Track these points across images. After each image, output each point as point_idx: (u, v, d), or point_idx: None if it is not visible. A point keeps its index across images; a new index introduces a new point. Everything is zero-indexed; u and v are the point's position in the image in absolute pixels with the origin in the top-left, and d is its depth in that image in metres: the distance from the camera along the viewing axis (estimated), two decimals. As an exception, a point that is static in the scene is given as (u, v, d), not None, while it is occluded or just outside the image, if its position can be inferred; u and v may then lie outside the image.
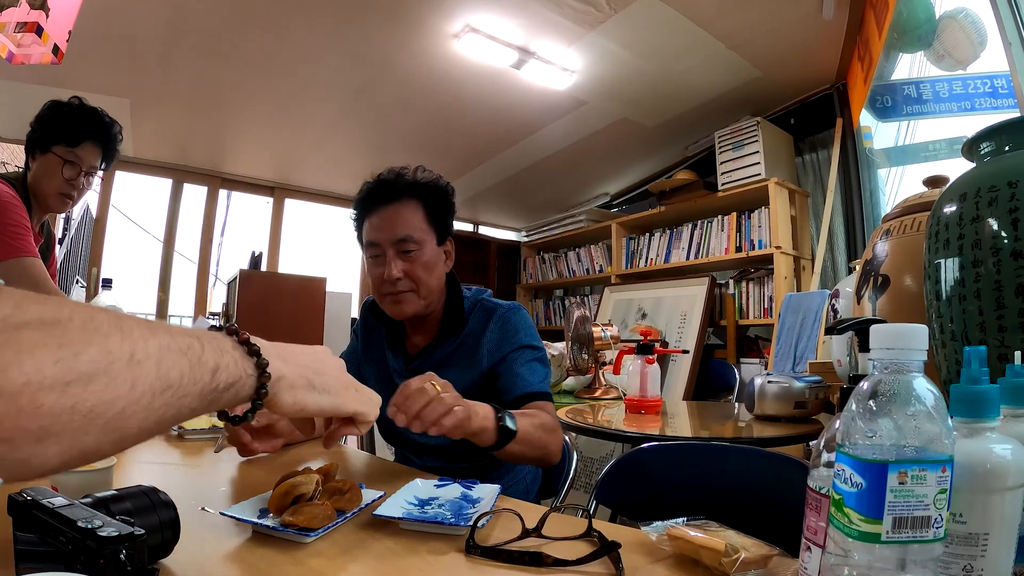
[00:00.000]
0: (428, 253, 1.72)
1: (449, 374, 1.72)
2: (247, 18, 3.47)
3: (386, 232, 1.70)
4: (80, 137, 2.17)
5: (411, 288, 1.70)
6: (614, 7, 3.47)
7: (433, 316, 1.80)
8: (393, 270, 1.67)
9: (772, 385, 2.26)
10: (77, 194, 2.22)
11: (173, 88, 4.06)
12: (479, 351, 1.73)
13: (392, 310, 1.73)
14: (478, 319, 1.78)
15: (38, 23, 2.17)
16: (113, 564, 0.63)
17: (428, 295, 1.72)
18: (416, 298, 1.71)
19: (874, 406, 0.60)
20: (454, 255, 1.84)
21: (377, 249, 1.71)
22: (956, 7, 2.91)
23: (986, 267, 1.04)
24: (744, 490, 1.38)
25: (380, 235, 1.71)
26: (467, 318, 1.78)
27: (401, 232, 1.69)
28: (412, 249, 1.69)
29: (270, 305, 4.36)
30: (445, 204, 1.79)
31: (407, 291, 1.70)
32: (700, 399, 4.14)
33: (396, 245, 1.69)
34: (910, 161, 3.74)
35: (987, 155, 1.16)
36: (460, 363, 1.74)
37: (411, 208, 1.72)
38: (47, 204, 2.22)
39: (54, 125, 2.16)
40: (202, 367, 0.61)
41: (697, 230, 4.77)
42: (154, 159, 5.05)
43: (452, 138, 5.05)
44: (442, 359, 1.76)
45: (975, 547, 0.62)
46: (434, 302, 1.77)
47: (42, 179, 2.17)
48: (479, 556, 0.87)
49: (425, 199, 1.74)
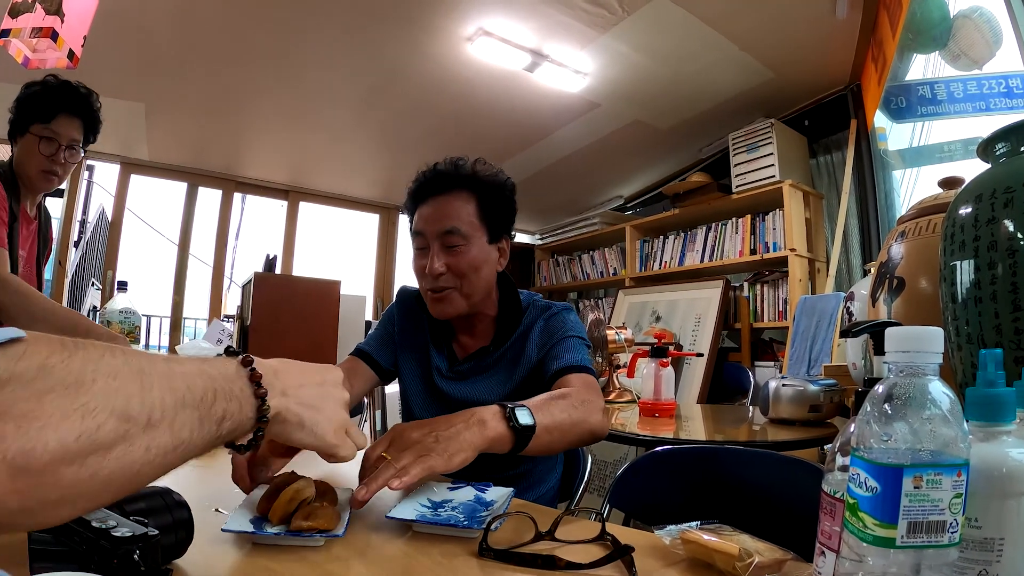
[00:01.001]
0: (476, 250, 1.63)
1: (496, 377, 1.69)
2: (261, 23, 3.49)
3: (433, 223, 1.62)
4: (53, 112, 2.13)
5: (454, 285, 1.62)
6: (626, 9, 3.47)
7: (484, 318, 1.74)
8: (436, 264, 1.59)
9: (787, 388, 2.25)
10: (61, 170, 2.18)
11: (188, 92, 4.09)
12: (527, 346, 1.67)
13: (434, 309, 1.66)
14: (530, 318, 1.72)
15: (53, 28, 2.18)
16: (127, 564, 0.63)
17: (472, 294, 1.64)
18: (459, 297, 1.63)
19: (889, 410, 0.59)
20: (508, 255, 1.75)
21: (422, 240, 1.65)
22: (971, 6, 2.89)
23: (1002, 269, 1.03)
24: (758, 494, 1.37)
25: (427, 226, 1.63)
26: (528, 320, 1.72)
27: (448, 224, 1.61)
28: (459, 244, 1.61)
29: (284, 308, 4.37)
30: (502, 200, 1.71)
31: (449, 288, 1.62)
32: (714, 402, 4.13)
33: (442, 238, 1.61)
34: (925, 162, 3.72)
35: (1003, 156, 1.16)
36: (509, 363, 1.69)
37: (463, 200, 1.64)
38: (33, 185, 2.20)
39: (28, 105, 2.13)
40: (211, 419, 0.63)
41: (711, 232, 4.76)
42: (169, 163, 5.09)
43: (465, 141, 5.04)
44: (492, 363, 1.71)
45: (991, 552, 0.61)
46: (479, 303, 1.69)
47: (23, 160, 2.14)
48: (492, 559, 0.87)
49: (480, 193, 1.66)
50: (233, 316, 5.01)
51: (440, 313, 1.66)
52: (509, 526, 0.99)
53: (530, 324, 1.70)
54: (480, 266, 1.64)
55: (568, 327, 1.67)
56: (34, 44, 2.25)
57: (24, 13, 2.19)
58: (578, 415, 1.33)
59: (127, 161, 4.94)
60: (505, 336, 1.70)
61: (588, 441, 1.40)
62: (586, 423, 1.34)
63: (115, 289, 2.44)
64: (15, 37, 2.20)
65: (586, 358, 1.61)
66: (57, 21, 2.20)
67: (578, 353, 1.61)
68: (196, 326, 6.00)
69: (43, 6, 2.18)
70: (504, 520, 0.98)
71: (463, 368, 1.72)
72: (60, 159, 2.14)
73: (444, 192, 1.64)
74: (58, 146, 2.13)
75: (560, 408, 1.30)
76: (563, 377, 1.53)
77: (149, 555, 0.65)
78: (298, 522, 0.91)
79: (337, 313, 4.72)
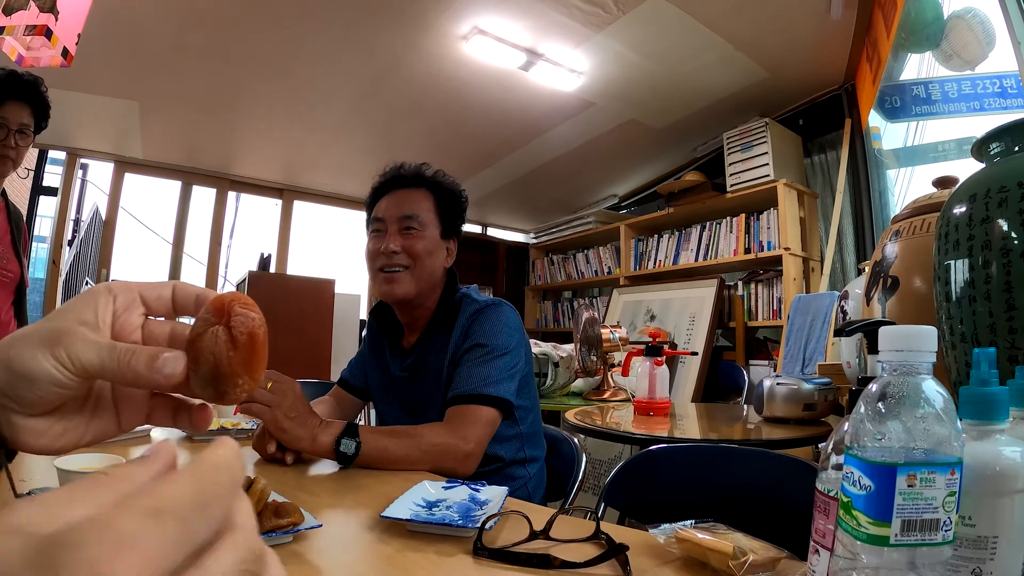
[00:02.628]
0: (429, 237, 1.75)
1: (431, 370, 1.75)
2: (255, 20, 3.48)
3: (393, 209, 1.76)
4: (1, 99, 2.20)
5: (406, 265, 1.71)
6: (622, 8, 3.47)
7: (424, 311, 1.80)
8: (391, 243, 1.70)
9: (781, 387, 2.26)
10: (14, 153, 2.26)
11: (182, 91, 4.08)
12: (451, 341, 1.73)
13: (383, 289, 1.74)
14: (463, 312, 1.77)
15: (47, 26, 2.18)
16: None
17: (421, 278, 1.73)
18: (409, 278, 1.72)
19: (883, 408, 0.60)
20: (455, 255, 1.86)
21: (380, 224, 1.76)
22: (964, 7, 2.90)
23: (996, 268, 1.03)
24: (752, 492, 1.37)
25: (387, 212, 1.76)
26: (456, 319, 1.77)
27: (408, 210, 1.75)
28: (415, 227, 1.74)
29: (279, 307, 4.37)
30: (456, 207, 1.84)
31: (401, 268, 1.71)
32: (709, 401, 4.14)
33: (400, 221, 1.74)
34: (919, 162, 3.73)
35: (996, 155, 1.16)
36: (442, 358, 1.73)
37: (422, 195, 1.79)
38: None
39: None
40: None
41: (706, 232, 4.76)
42: (163, 161, 5.08)
43: (460, 140, 5.06)
44: (430, 354, 1.77)
45: (984, 550, 0.61)
46: (426, 291, 1.77)
47: None
48: (487, 558, 0.87)
49: (438, 194, 1.81)
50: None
51: (388, 293, 1.74)
52: (504, 525, 0.99)
53: (461, 318, 1.76)
54: (433, 252, 1.75)
55: (484, 331, 1.70)
56: (28, 42, 2.25)
57: (18, 10, 2.19)
58: (418, 457, 1.40)
59: (121, 160, 4.93)
60: (437, 329, 1.78)
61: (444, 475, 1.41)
62: (430, 464, 1.41)
63: (109, 288, 2.44)
64: (8, 34, 2.20)
65: (488, 377, 1.61)
66: (51, 19, 2.19)
67: (481, 374, 1.61)
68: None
69: (37, 4, 2.18)
70: (498, 519, 0.98)
71: (408, 363, 1.81)
72: (11, 143, 2.22)
73: (406, 187, 1.80)
74: (7, 130, 2.20)
75: (400, 446, 1.40)
76: (451, 408, 1.58)
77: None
78: (274, 521, 0.90)
79: (332, 311, 4.73)
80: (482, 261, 6.58)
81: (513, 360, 1.67)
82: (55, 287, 4.76)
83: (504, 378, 1.62)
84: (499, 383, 1.60)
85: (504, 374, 1.63)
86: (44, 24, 2.18)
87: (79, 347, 0.49)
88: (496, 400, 1.57)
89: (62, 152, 4.68)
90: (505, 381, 1.62)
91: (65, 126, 4.37)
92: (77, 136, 4.56)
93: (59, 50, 2.29)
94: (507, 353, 1.67)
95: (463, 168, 5.35)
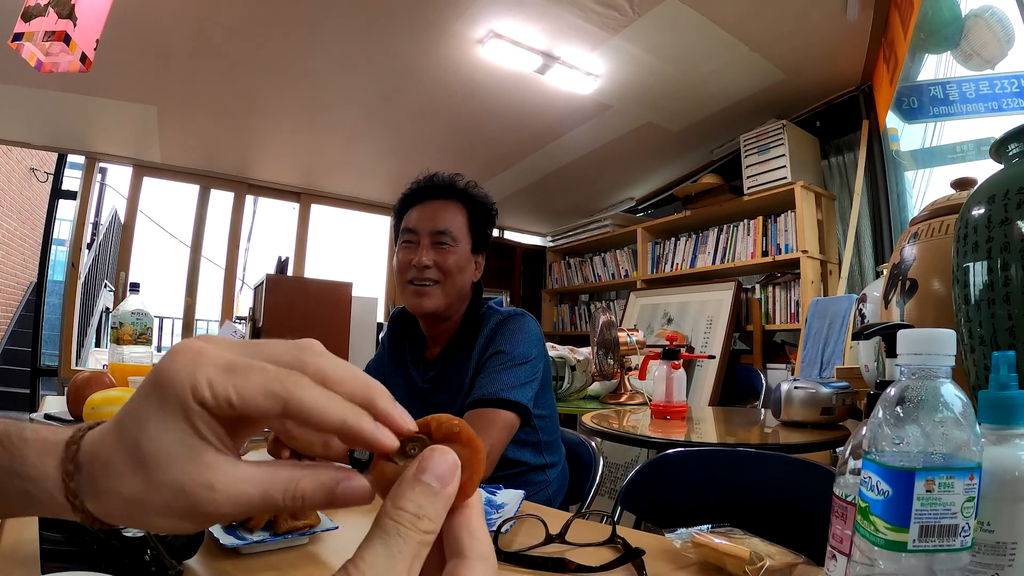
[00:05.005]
0: (461, 253, 1.74)
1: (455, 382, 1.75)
2: (273, 25, 3.51)
3: (426, 222, 1.74)
4: None
5: (437, 280, 1.71)
6: (637, 11, 3.47)
7: (451, 324, 1.80)
8: (424, 257, 1.69)
9: (799, 391, 2.24)
10: None
11: (200, 95, 4.11)
12: (474, 353, 1.73)
13: (412, 302, 1.74)
14: (487, 325, 1.77)
15: (66, 32, 2.20)
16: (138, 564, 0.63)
17: (451, 293, 1.73)
18: (439, 292, 1.71)
19: (901, 412, 0.59)
20: (483, 269, 1.85)
21: (413, 236, 1.74)
22: (982, 6, 2.88)
23: (1015, 270, 1.02)
24: (769, 497, 1.37)
25: (420, 224, 1.74)
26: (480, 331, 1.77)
27: (442, 224, 1.73)
28: (448, 243, 1.72)
29: (296, 310, 4.39)
30: (487, 220, 1.83)
31: (432, 283, 1.71)
32: (726, 405, 4.12)
33: (433, 235, 1.72)
34: (937, 163, 3.70)
35: (1016, 156, 1.15)
36: (467, 370, 1.73)
37: (455, 209, 1.77)
38: None
39: None
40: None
41: (723, 234, 4.75)
42: (181, 165, 5.11)
43: (477, 143, 5.06)
44: (453, 367, 1.76)
45: (1003, 556, 0.61)
46: (454, 305, 1.76)
47: None
48: (502, 562, 0.87)
49: (470, 207, 1.79)
50: (245, 318, 5.03)
51: (417, 306, 1.73)
52: (519, 529, 0.99)
53: (485, 330, 1.76)
54: (464, 267, 1.75)
55: (506, 339, 1.70)
56: (47, 48, 2.27)
57: (37, 17, 2.21)
58: None
59: (139, 164, 4.96)
60: (462, 342, 1.77)
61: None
62: None
63: (127, 291, 2.46)
64: (28, 41, 2.22)
65: (508, 383, 1.60)
66: (70, 25, 2.21)
67: (501, 380, 1.61)
68: (208, 328, 6.03)
69: (56, 10, 2.20)
70: (515, 523, 0.98)
71: (431, 376, 1.80)
72: None
73: (439, 198, 1.77)
74: None
75: None
76: (469, 411, 1.57)
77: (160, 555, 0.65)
78: (291, 523, 0.91)
79: (349, 315, 4.74)
80: (499, 264, 6.58)
81: (532, 370, 1.67)
82: (75, 290, 4.80)
83: (523, 385, 1.62)
84: (517, 389, 1.60)
85: (523, 381, 1.63)
86: (63, 30, 2.20)
87: (234, 498, 0.38)
88: (514, 405, 1.57)
89: (81, 156, 4.71)
90: (524, 387, 1.62)
91: (84, 130, 4.42)
92: (96, 140, 4.60)
93: (78, 56, 2.30)
94: (527, 362, 1.67)
95: (480, 171, 5.35)
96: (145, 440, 0.38)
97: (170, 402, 0.38)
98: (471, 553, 0.38)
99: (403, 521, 0.35)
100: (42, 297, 4.87)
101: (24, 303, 8.60)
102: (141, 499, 0.38)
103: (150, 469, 0.38)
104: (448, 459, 0.37)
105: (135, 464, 0.38)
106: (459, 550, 0.38)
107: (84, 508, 0.38)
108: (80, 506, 0.38)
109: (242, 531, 0.90)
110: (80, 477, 0.39)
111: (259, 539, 0.88)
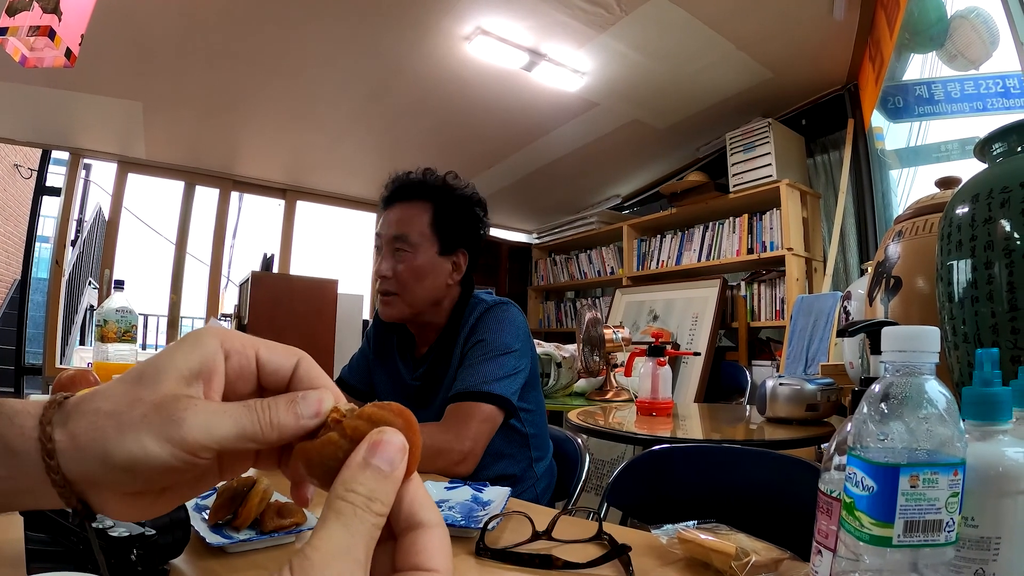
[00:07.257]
0: (421, 258, 1.68)
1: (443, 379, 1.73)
2: (259, 21, 3.49)
3: (387, 227, 1.71)
4: None
5: (395, 291, 1.68)
6: (624, 9, 3.47)
7: (433, 326, 1.77)
8: (382, 266, 1.68)
9: (784, 387, 2.25)
10: None
11: (185, 91, 4.08)
12: (458, 344, 1.71)
13: (381, 311, 1.73)
14: (469, 319, 1.75)
15: (51, 27, 2.18)
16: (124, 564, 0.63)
17: (413, 303, 1.69)
18: (400, 303, 1.69)
19: (886, 409, 0.60)
20: (464, 268, 1.77)
21: (379, 241, 1.73)
22: (968, 6, 2.89)
23: (999, 268, 1.03)
24: (755, 493, 1.37)
25: (382, 229, 1.72)
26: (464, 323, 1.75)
27: (397, 230, 1.68)
28: (404, 250, 1.67)
29: (282, 307, 4.37)
30: (463, 214, 1.75)
31: (392, 293, 1.68)
32: (711, 401, 4.14)
33: (391, 243, 1.69)
34: (922, 162, 3.72)
35: (999, 156, 1.16)
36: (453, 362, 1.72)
37: (418, 210, 1.70)
38: None
39: None
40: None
41: (708, 232, 4.76)
42: (166, 162, 5.08)
43: (463, 140, 5.06)
44: (442, 364, 1.74)
45: (987, 551, 0.61)
46: (426, 312, 1.73)
47: None
48: (489, 558, 0.87)
49: (437, 203, 1.71)
50: (230, 315, 5.01)
51: (385, 315, 1.73)
52: (506, 526, 0.99)
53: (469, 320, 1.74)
54: (424, 276, 1.68)
55: (488, 328, 1.69)
56: (31, 43, 2.24)
57: (21, 11, 2.18)
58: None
59: (124, 160, 4.93)
60: (450, 340, 1.74)
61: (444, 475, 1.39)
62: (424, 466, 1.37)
63: (112, 288, 2.44)
64: (12, 35, 2.20)
65: (489, 375, 1.59)
66: (54, 19, 2.19)
67: (481, 372, 1.60)
68: (193, 325, 6.00)
69: (40, 4, 2.17)
70: (501, 520, 0.98)
71: (418, 373, 1.78)
72: None
73: (405, 200, 1.72)
74: None
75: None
76: (449, 406, 1.56)
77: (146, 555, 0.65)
78: (277, 521, 0.90)
79: (335, 312, 4.72)
80: (485, 261, 6.56)
81: (515, 361, 1.64)
82: (59, 287, 4.76)
83: (505, 377, 1.60)
84: (499, 381, 1.58)
85: (505, 373, 1.60)
86: (47, 25, 2.17)
87: (206, 421, 0.38)
88: (495, 398, 1.55)
89: (65, 152, 4.67)
90: (506, 380, 1.59)
91: (68, 126, 4.38)
92: (80, 136, 4.56)
93: (62, 51, 2.28)
94: (509, 353, 1.64)
95: (466, 168, 5.31)
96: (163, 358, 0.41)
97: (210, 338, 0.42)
98: (428, 522, 0.39)
99: (357, 503, 0.36)
100: (26, 295, 4.84)
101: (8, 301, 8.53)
102: (120, 411, 0.38)
103: (144, 381, 0.39)
104: (396, 441, 0.38)
105: (134, 379, 0.40)
106: (415, 522, 0.39)
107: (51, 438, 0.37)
108: (49, 435, 0.37)
109: (228, 530, 0.90)
110: (64, 409, 0.39)
111: (245, 538, 0.88)
